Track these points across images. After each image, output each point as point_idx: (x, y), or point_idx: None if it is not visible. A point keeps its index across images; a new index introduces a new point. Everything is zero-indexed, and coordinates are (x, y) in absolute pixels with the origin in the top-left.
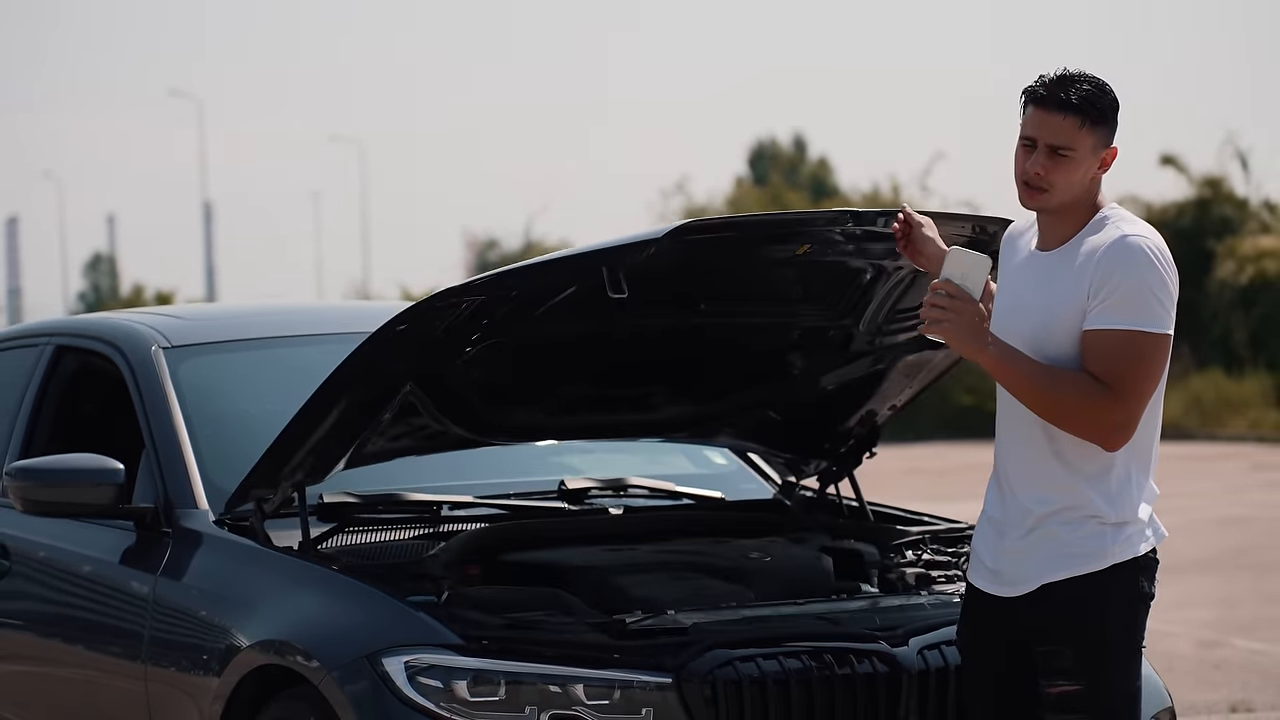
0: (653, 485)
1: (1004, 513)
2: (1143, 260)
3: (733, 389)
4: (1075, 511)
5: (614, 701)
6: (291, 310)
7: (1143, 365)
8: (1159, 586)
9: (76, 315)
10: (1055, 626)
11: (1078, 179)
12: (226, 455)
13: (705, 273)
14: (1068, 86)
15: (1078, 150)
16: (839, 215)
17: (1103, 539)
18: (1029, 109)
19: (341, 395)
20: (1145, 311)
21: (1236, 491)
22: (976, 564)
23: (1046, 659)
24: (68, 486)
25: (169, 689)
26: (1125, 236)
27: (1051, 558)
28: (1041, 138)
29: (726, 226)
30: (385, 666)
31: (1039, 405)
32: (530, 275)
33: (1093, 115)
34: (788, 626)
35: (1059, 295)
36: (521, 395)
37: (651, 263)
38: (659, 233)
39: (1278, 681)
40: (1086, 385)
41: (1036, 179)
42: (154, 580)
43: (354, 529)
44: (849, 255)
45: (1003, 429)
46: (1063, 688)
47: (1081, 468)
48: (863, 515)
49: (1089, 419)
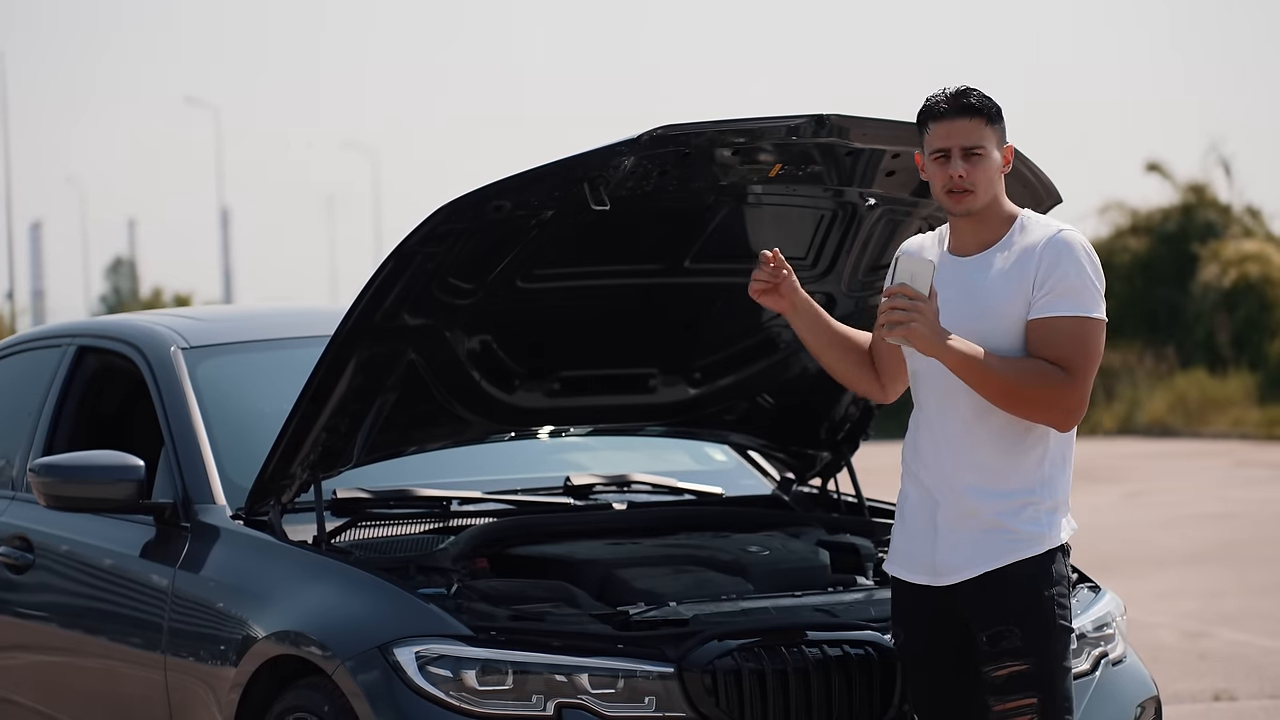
0: (655, 481)
1: (936, 505)
2: (1082, 253)
3: (725, 370)
4: (1014, 499)
5: (618, 690)
6: (306, 312)
7: (1092, 348)
8: (1144, 579)
9: (98, 317)
10: (1004, 608)
11: (993, 175)
12: (243, 452)
13: (681, 197)
14: (963, 95)
15: (986, 147)
16: (807, 120)
17: (1039, 523)
18: (931, 126)
19: (346, 359)
20: (1090, 300)
21: (1220, 488)
22: (903, 558)
23: (994, 641)
24: (90, 483)
25: (187, 678)
26: (1061, 231)
27: (995, 545)
28: (954, 144)
29: (697, 132)
30: (396, 656)
31: (1000, 393)
32: (510, 191)
33: (990, 114)
34: (786, 618)
35: (996, 293)
36: (522, 374)
37: (631, 183)
38: (632, 137)
39: (1260, 671)
40: (1044, 370)
41: (960, 182)
42: (173, 573)
43: (367, 524)
44: (819, 195)
45: (931, 424)
46: (1011, 668)
47: (1016, 456)
48: (858, 510)
49: (1047, 402)
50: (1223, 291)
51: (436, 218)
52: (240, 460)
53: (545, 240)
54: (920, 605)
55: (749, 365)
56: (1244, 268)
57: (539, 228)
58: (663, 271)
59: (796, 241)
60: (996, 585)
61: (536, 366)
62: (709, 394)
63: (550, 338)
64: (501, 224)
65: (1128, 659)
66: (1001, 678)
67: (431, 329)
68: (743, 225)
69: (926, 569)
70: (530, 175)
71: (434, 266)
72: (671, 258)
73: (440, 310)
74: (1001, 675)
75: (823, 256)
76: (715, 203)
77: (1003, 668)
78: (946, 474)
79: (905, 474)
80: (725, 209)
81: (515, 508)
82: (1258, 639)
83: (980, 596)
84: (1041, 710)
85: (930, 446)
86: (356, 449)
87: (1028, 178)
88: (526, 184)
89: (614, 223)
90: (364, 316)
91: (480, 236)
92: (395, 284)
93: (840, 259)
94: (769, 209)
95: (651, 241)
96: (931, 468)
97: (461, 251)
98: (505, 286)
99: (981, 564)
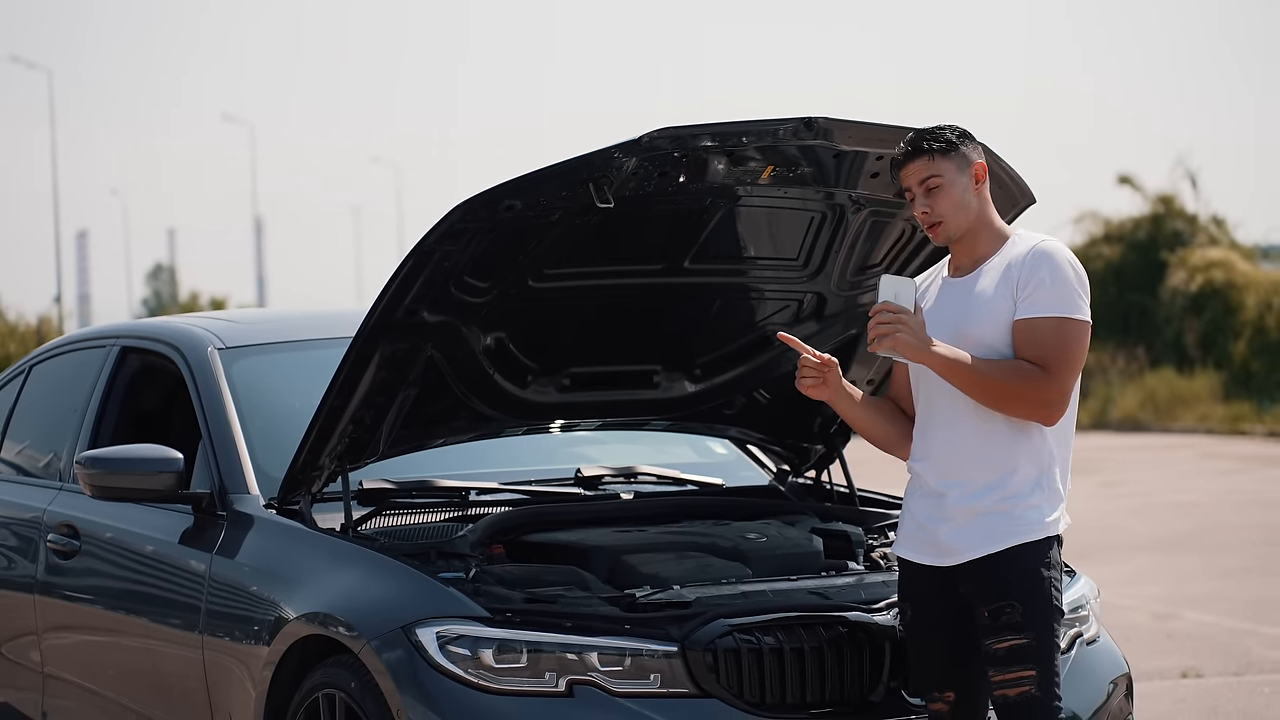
0: (660, 473)
1: (943, 496)
2: (1063, 259)
3: (724, 367)
4: (1017, 490)
5: (625, 668)
6: (333, 314)
7: (1073, 347)
8: (1116, 564)
9: (140, 319)
10: (1005, 586)
11: (958, 199)
12: (275, 445)
13: (681, 198)
14: (913, 139)
15: (943, 175)
16: (796, 123)
17: (1040, 511)
18: (895, 175)
19: (370, 354)
20: (1071, 301)
21: (1187, 479)
22: (910, 541)
23: (995, 616)
24: (132, 474)
25: (223, 657)
26: (1043, 241)
27: (999, 529)
28: (912, 183)
29: (693, 134)
30: (418, 636)
31: (984, 390)
32: (521, 190)
33: (935, 146)
34: (782, 600)
35: (985, 300)
36: (535, 370)
37: (634, 184)
38: (633, 138)
39: (1225, 650)
40: (1024, 368)
41: (925, 216)
42: (210, 559)
43: (391, 512)
44: (810, 197)
45: (939, 423)
46: (1012, 641)
47: (1019, 452)
48: (850, 500)
49: (1028, 397)
50: (1190, 296)
51: (453, 215)
52: (272, 453)
53: (555, 240)
54: (925, 584)
55: (746, 362)
56: (1210, 274)
57: (549, 228)
58: (664, 272)
59: (788, 243)
60: (999, 565)
61: (548, 363)
62: (709, 389)
63: (560, 335)
64: (513, 223)
65: (1101, 639)
66: (1002, 650)
67: (449, 326)
68: (739, 227)
69: (931, 550)
70: (539, 175)
71: (451, 265)
72: (672, 258)
73: (457, 308)
74: (1002, 648)
75: (813, 257)
76: (712, 204)
77: (1003, 641)
78: (954, 468)
79: (911, 467)
80: (722, 211)
81: (529, 497)
82: (1222, 620)
83: (983, 575)
84: (1038, 682)
85: (939, 443)
86: (381, 441)
87: (1003, 179)
88: (535, 183)
89: (619, 224)
90: (386, 313)
91: (494, 235)
92: (415, 281)
93: (830, 259)
94: (762, 211)
95: (654, 243)
96: (939, 463)
97: (477, 250)
98: (518, 285)
99: (985, 546)
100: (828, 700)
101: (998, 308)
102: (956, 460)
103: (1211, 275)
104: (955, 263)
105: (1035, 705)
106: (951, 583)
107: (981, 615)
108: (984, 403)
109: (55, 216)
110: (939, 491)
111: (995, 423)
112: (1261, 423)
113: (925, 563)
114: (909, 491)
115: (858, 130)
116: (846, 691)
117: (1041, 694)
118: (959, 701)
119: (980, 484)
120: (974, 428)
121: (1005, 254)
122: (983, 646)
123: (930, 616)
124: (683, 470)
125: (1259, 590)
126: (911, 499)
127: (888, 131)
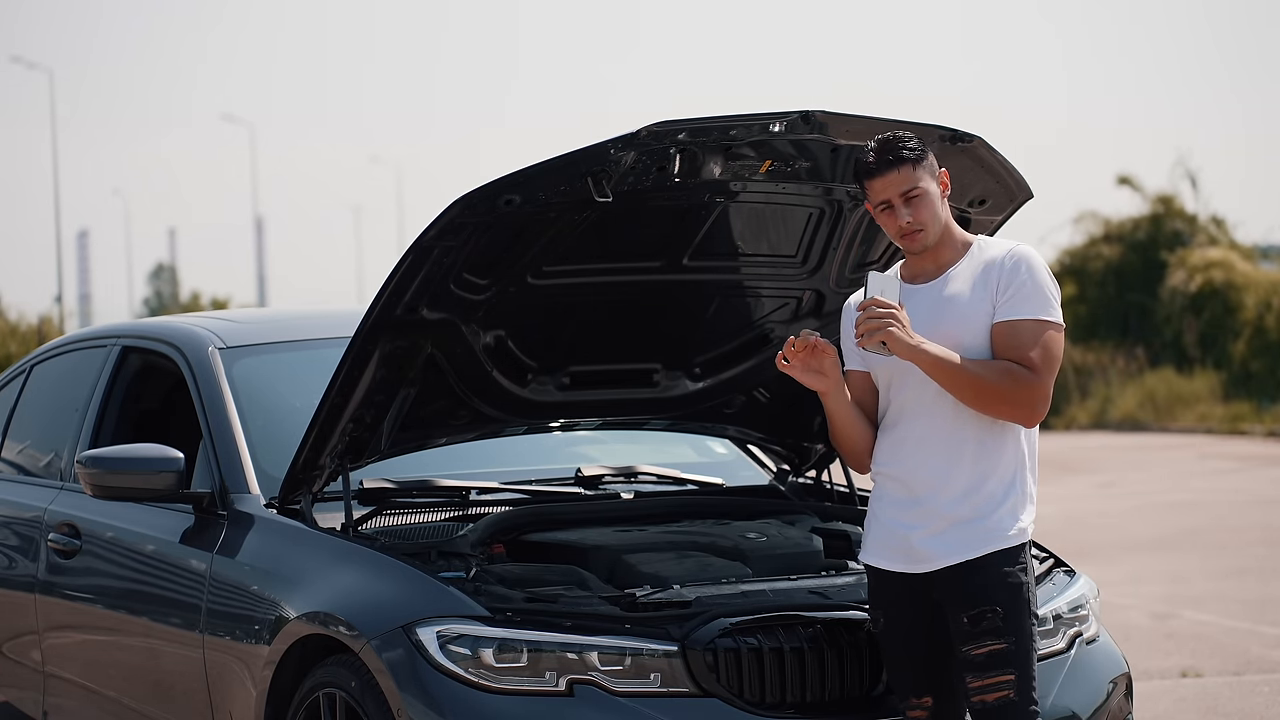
0: (660, 472)
1: (916, 502)
2: (1039, 264)
3: (723, 365)
4: (991, 496)
5: (626, 667)
6: (334, 314)
7: (1052, 348)
8: (1115, 564)
9: (141, 319)
10: (984, 592)
11: (936, 207)
12: (276, 445)
13: (679, 193)
14: (887, 150)
15: (922, 186)
16: (794, 116)
17: (1015, 517)
18: (867, 182)
19: (370, 352)
20: (1048, 305)
21: (1186, 479)
22: (880, 548)
23: (976, 622)
24: (133, 473)
25: (224, 656)
26: (1017, 245)
27: (974, 536)
28: (892, 195)
29: (690, 127)
30: (419, 636)
31: (972, 391)
32: (520, 184)
33: (915, 157)
34: (782, 599)
35: (962, 302)
36: (534, 368)
37: (632, 178)
38: (630, 132)
39: (1224, 649)
40: (1013, 369)
41: (909, 226)
42: (210, 558)
43: (391, 512)
44: (808, 192)
45: (911, 428)
46: (991, 646)
47: (992, 457)
48: (850, 500)
49: (1017, 398)
50: (1189, 296)
51: (452, 210)
52: (273, 452)
53: (554, 237)
54: (896, 591)
55: (745, 360)
56: (1209, 274)
57: (548, 224)
58: (663, 269)
59: (787, 239)
60: (975, 571)
61: (548, 361)
62: (709, 388)
63: (560, 333)
64: (513, 219)
65: (1100, 638)
66: (981, 655)
67: (449, 323)
68: (737, 223)
69: (902, 557)
70: (537, 169)
71: (450, 261)
72: (671, 255)
73: (457, 305)
74: (981, 653)
75: (811, 253)
76: (710, 200)
77: (983, 646)
78: (927, 475)
79: (879, 473)
80: (720, 207)
81: (530, 497)
82: (1221, 619)
83: (959, 581)
84: (1017, 687)
85: (910, 449)
86: (382, 440)
87: (1000, 174)
88: (534, 177)
89: (617, 221)
90: (386, 311)
91: (493, 231)
92: (414, 278)
93: (828, 256)
94: (761, 207)
95: (652, 239)
96: (911, 469)
97: (476, 246)
98: (517, 283)
99: (962, 553)
100: (828, 700)
101: (975, 310)
102: (930, 466)
103: (1211, 275)
104: (915, 269)
105: (1013, 710)
106: (923, 589)
107: (960, 621)
108: (970, 403)
109: (56, 216)
110: (911, 498)
111: (968, 429)
112: (1261, 422)
113: (897, 570)
114: (876, 498)
115: (855, 124)
116: (846, 691)
117: (1019, 699)
118: (937, 706)
119: (955, 490)
120: (948, 433)
121: (975, 258)
122: (960, 652)
123: (903, 623)
124: (683, 470)
125: (1258, 590)
126: (879, 505)
127: (885, 125)
